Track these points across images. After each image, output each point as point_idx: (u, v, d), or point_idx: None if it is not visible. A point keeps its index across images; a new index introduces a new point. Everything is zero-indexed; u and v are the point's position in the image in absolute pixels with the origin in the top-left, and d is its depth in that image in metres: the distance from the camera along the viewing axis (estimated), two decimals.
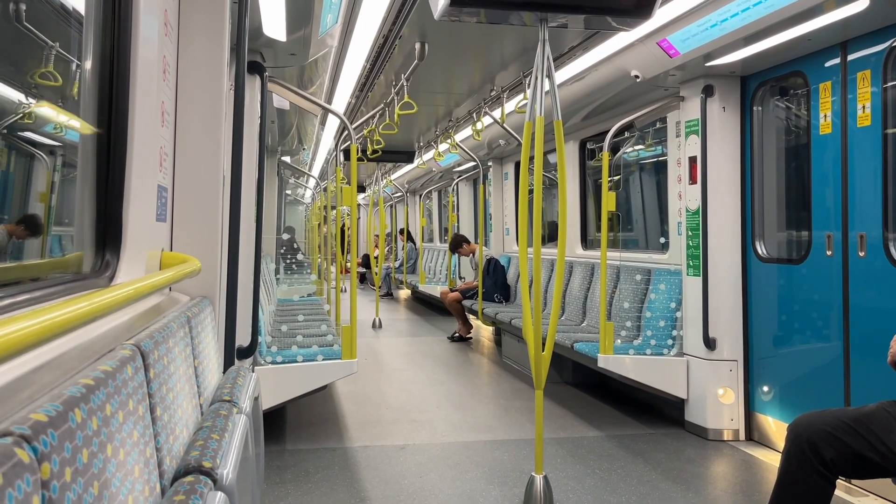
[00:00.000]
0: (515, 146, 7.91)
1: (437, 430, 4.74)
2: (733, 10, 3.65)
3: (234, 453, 1.51)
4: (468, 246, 9.25)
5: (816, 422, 2.49)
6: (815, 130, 4.03)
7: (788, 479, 2.53)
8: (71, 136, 2.03)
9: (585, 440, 4.53)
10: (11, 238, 1.81)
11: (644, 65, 4.54)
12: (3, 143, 1.84)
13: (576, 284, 6.58)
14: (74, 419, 0.91)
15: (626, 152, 6.84)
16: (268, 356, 4.28)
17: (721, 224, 4.59)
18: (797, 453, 2.49)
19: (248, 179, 3.36)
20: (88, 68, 1.82)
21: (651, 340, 4.96)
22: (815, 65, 4.02)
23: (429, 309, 12.40)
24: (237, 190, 2.76)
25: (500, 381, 6.48)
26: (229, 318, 2.73)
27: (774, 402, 4.38)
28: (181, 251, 2.53)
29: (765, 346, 4.47)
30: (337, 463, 4.07)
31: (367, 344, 8.41)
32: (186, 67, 2.55)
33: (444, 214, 13.90)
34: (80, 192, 1.86)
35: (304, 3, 3.37)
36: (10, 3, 1.68)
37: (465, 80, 6.50)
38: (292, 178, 13.07)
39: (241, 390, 2.00)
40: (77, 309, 1.06)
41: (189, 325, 1.93)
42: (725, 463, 4.18)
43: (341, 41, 4.55)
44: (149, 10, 2.00)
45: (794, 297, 4.22)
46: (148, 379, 1.36)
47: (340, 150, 6.51)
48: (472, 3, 2.88)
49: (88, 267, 1.80)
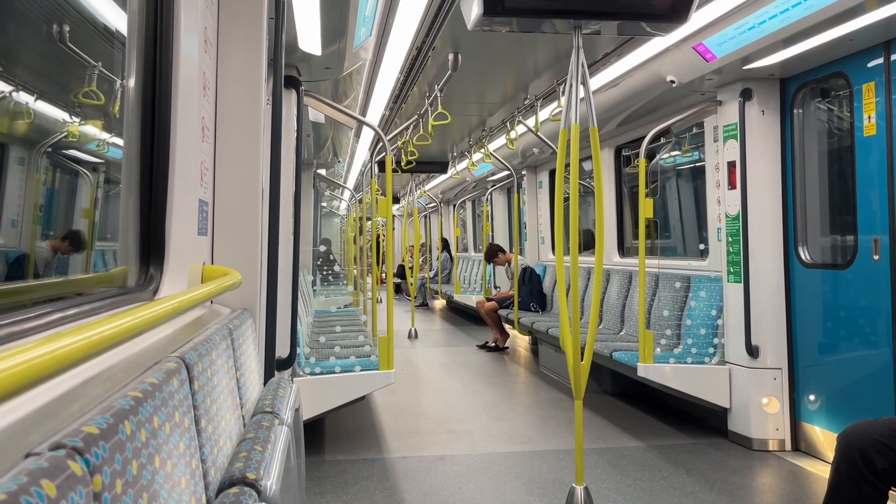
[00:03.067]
0: (549, 154, 7.88)
1: (476, 441, 4.72)
2: (771, 12, 3.59)
3: (277, 465, 1.52)
4: (503, 255, 9.23)
5: (867, 431, 2.42)
6: (858, 132, 3.93)
7: (839, 490, 2.46)
8: (113, 153, 2.08)
9: (626, 450, 4.47)
10: (56, 254, 1.85)
11: (680, 69, 4.49)
12: (49, 160, 1.88)
13: (613, 292, 6.51)
14: (124, 431, 0.92)
15: (662, 158, 6.76)
16: (306, 367, 4.31)
17: (762, 229, 4.51)
18: (848, 464, 2.42)
19: (285, 192, 3.40)
20: (132, 86, 1.86)
21: (692, 349, 4.88)
22: (857, 65, 3.93)
23: (464, 319, 12.38)
24: (275, 203, 2.79)
25: (538, 390, 6.43)
26: (269, 329, 2.76)
27: (822, 412, 4.26)
28: (221, 264, 2.56)
29: (810, 353, 4.36)
30: (376, 474, 4.07)
31: (404, 354, 8.42)
32: (225, 83, 2.59)
33: (478, 224, 13.89)
34: (124, 208, 1.90)
35: (338, 17, 3.41)
36: (54, 25, 1.72)
37: (498, 90, 6.50)
38: (328, 190, 13.20)
39: (283, 401, 2.01)
40: (124, 323, 1.08)
41: (231, 337, 1.96)
42: (772, 474, 4.08)
43: (375, 54, 4.59)
44: (189, 28, 2.04)
45: (840, 303, 4.12)
46: (193, 391, 1.37)
47: (375, 162, 6.56)
48: (505, 12, 2.88)
49: (133, 281, 1.84)
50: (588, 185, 8.43)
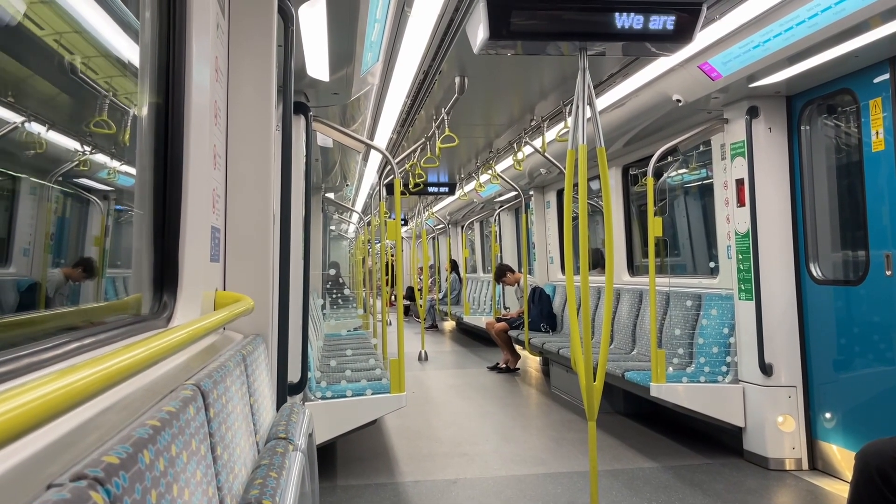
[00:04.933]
0: (557, 174, 7.90)
1: (489, 464, 4.68)
2: (776, 31, 3.61)
3: (292, 491, 1.52)
4: (512, 275, 9.22)
5: (886, 449, 2.40)
6: (866, 147, 3.93)
7: None
8: (122, 181, 2.10)
9: (641, 472, 4.42)
10: (68, 281, 1.86)
11: (686, 89, 4.51)
12: (60, 190, 1.90)
13: (624, 312, 6.49)
14: (143, 460, 0.92)
15: (670, 176, 6.76)
16: (317, 391, 4.30)
17: (772, 246, 4.49)
18: (866, 482, 2.39)
19: (295, 217, 3.42)
20: (145, 115, 1.88)
21: (704, 367, 4.84)
22: (863, 81, 3.94)
23: (474, 340, 12.33)
24: (286, 228, 2.80)
25: (550, 412, 6.39)
26: (281, 354, 2.76)
27: (838, 430, 4.21)
28: (233, 290, 2.57)
29: (825, 370, 4.32)
30: (388, 498, 4.04)
31: (414, 377, 8.39)
32: (236, 111, 2.62)
33: (486, 245, 13.90)
34: (137, 235, 1.92)
35: (345, 43, 3.45)
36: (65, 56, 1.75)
37: (504, 112, 6.54)
38: (336, 213, 13.25)
39: (296, 427, 2.01)
40: (140, 353, 1.08)
41: (244, 363, 1.96)
42: (789, 493, 4.03)
43: (382, 78, 4.63)
44: (201, 57, 2.07)
45: (854, 319, 4.09)
46: (209, 418, 1.38)
47: (383, 185, 6.58)
48: (510, 35, 2.91)
49: (147, 308, 1.85)
50: (596, 205, 8.43)
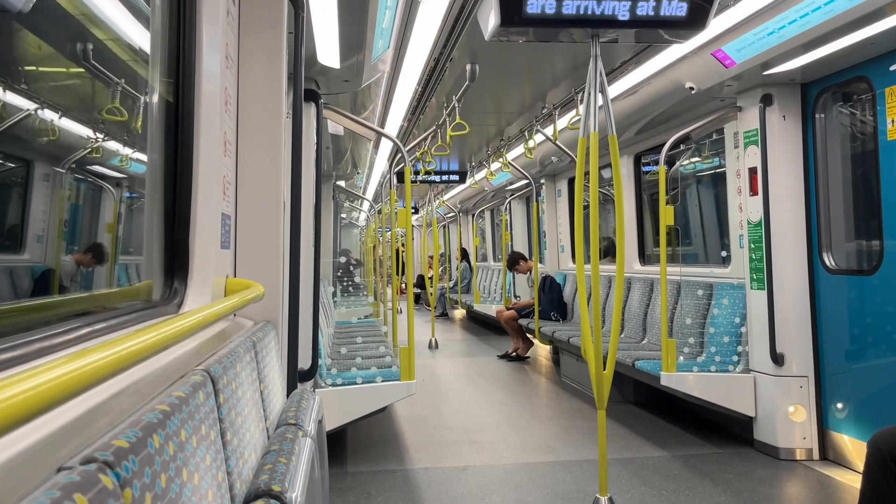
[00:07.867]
0: (568, 163, 7.87)
1: (498, 452, 4.70)
2: (791, 17, 3.57)
3: (302, 476, 1.53)
4: (525, 263, 9.21)
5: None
6: (882, 136, 3.88)
7: (872, 496, 2.41)
8: (135, 168, 2.10)
9: (650, 460, 4.42)
10: (79, 267, 1.87)
11: (699, 76, 4.47)
12: (73, 177, 1.91)
13: (635, 301, 6.47)
14: (153, 445, 0.93)
15: (682, 165, 6.72)
16: (328, 378, 4.33)
17: (785, 235, 4.46)
18: (880, 468, 2.38)
19: (305, 205, 3.43)
20: (155, 102, 1.89)
21: (715, 357, 4.83)
22: (879, 69, 3.88)
23: (484, 328, 12.35)
24: (297, 215, 2.81)
25: (560, 400, 6.39)
26: (291, 341, 2.77)
27: (850, 420, 4.19)
28: (244, 277, 2.58)
29: (837, 360, 4.30)
30: (398, 485, 4.07)
31: (424, 364, 8.41)
32: (246, 98, 2.62)
33: (497, 233, 13.88)
34: (148, 222, 1.92)
35: (356, 30, 3.43)
36: (77, 44, 1.75)
37: (516, 99, 6.51)
38: (347, 201, 13.26)
39: (306, 413, 2.02)
40: (151, 338, 1.09)
41: (255, 349, 1.97)
42: (800, 483, 4.02)
43: (393, 66, 4.62)
44: (211, 45, 2.07)
45: (867, 309, 4.05)
46: (218, 404, 1.39)
47: (394, 173, 6.57)
48: (522, 22, 2.89)
49: (158, 295, 1.86)
50: (608, 193, 8.40)
